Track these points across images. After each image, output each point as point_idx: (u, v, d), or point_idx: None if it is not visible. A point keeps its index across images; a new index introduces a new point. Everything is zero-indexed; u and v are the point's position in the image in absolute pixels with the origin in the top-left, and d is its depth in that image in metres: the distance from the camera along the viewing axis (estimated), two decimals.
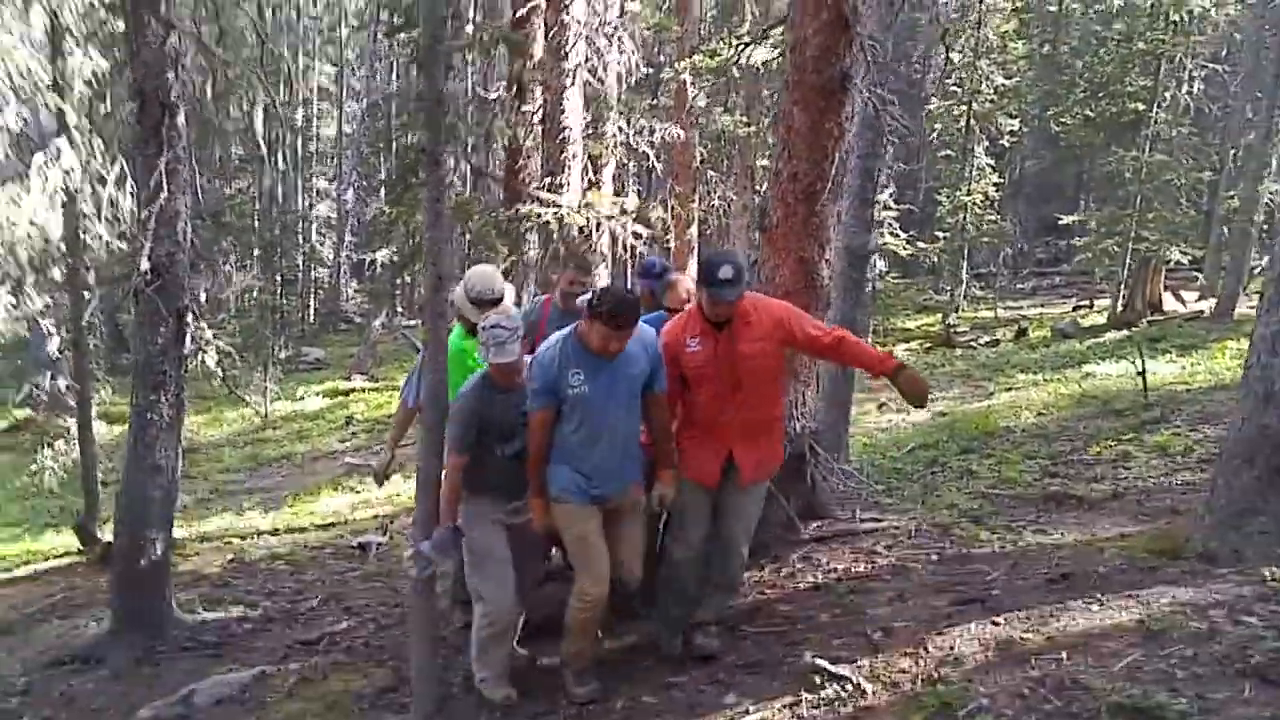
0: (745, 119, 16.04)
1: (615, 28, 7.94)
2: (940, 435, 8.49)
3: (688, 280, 4.72)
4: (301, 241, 26.74)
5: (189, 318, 5.17)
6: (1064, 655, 3.45)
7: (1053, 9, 25.20)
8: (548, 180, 7.41)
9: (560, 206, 6.61)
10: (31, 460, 9.67)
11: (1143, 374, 8.70)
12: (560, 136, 7.34)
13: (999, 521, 5.39)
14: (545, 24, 7.26)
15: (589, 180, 14.46)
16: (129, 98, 5.00)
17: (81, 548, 7.84)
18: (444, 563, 4.09)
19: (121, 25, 5.41)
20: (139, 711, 4.74)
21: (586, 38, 7.32)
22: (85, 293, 6.78)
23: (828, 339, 3.89)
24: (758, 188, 15.50)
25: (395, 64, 25.41)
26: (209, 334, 5.68)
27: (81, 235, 6.16)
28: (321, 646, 5.30)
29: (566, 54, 7.10)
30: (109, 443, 10.35)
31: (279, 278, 23.52)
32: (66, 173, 6.02)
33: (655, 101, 16.83)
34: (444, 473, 3.87)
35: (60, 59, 6.13)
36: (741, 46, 8.25)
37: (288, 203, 27.16)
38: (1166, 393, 8.92)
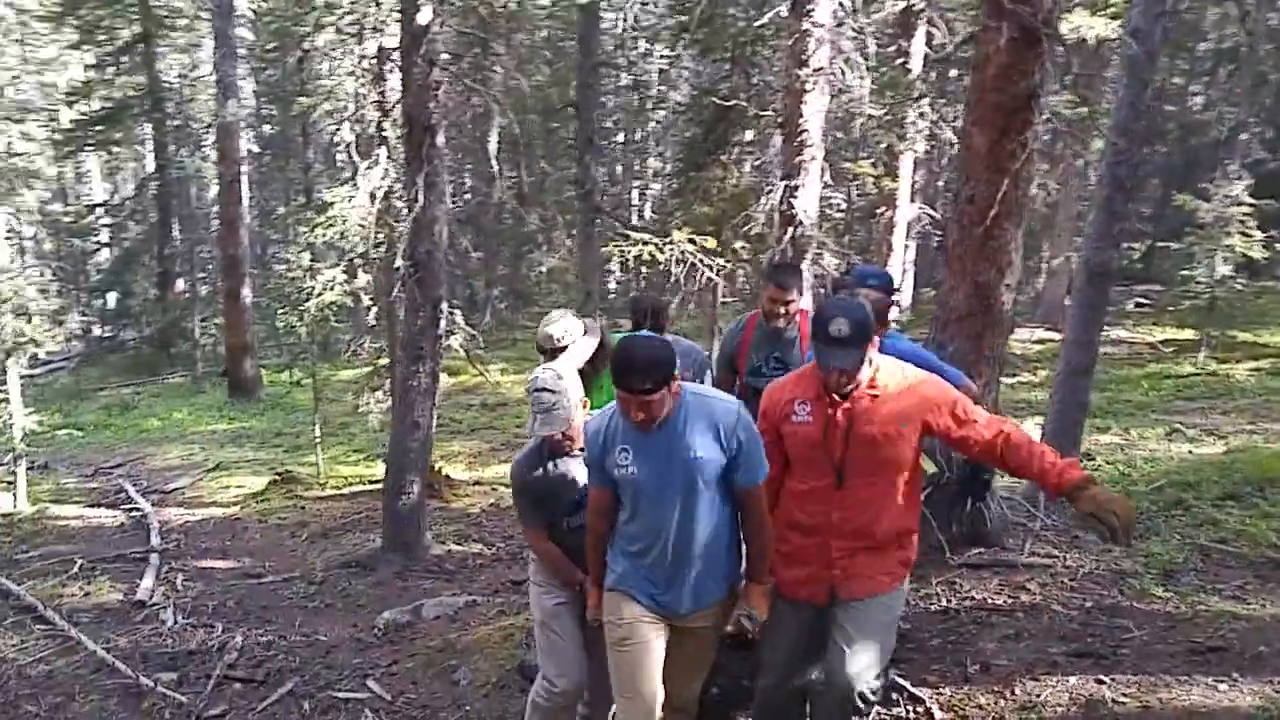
0: None
1: (860, 29, 7.93)
2: (1210, 474, 7.55)
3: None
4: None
5: (443, 305, 6.28)
6: None
7: None
8: (784, 184, 7.69)
9: (650, 241, 6.81)
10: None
11: None
12: (798, 140, 7.57)
13: (1192, 581, 4.93)
14: (788, 29, 7.49)
15: (884, 168, 14.36)
16: (401, 122, 6.15)
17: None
18: None
19: None
20: (383, 613, 5.95)
21: (830, 41, 7.43)
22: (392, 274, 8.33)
23: (984, 436, 2.82)
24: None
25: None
26: (459, 319, 6.79)
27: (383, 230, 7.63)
28: (523, 588, 6.24)
29: (807, 60, 7.30)
30: None
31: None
32: (381, 178, 7.43)
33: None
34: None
35: (381, 81, 7.55)
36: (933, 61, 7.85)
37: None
38: None
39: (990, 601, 4.65)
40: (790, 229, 7.81)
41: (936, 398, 2.86)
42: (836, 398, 2.82)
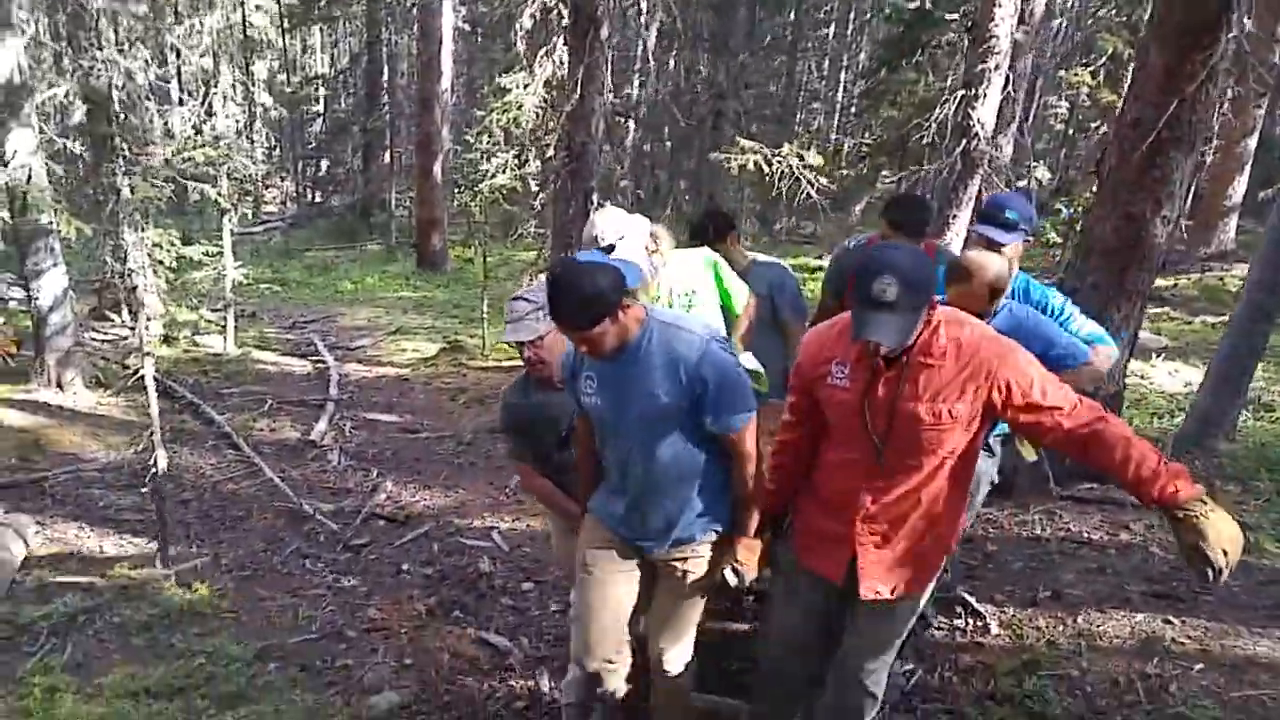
0: None
1: None
2: None
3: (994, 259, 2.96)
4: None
5: (594, 196, 6.51)
6: (1196, 668, 3.30)
7: None
8: (961, 93, 7.28)
9: (760, 151, 6.47)
10: None
11: None
12: (985, 45, 7.12)
13: None
14: None
15: (1106, 78, 13.11)
16: (567, 13, 6.29)
17: None
18: None
19: None
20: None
21: None
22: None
23: (1063, 426, 2.27)
24: None
25: None
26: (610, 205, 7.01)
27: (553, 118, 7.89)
28: None
29: None
30: None
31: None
32: (557, 66, 7.63)
33: None
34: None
35: None
36: None
37: None
38: None
39: (1085, 535, 4.59)
40: (964, 141, 7.45)
41: (1004, 373, 2.29)
42: (881, 363, 2.35)
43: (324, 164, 25.55)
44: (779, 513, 2.74)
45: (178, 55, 11.95)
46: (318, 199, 25.45)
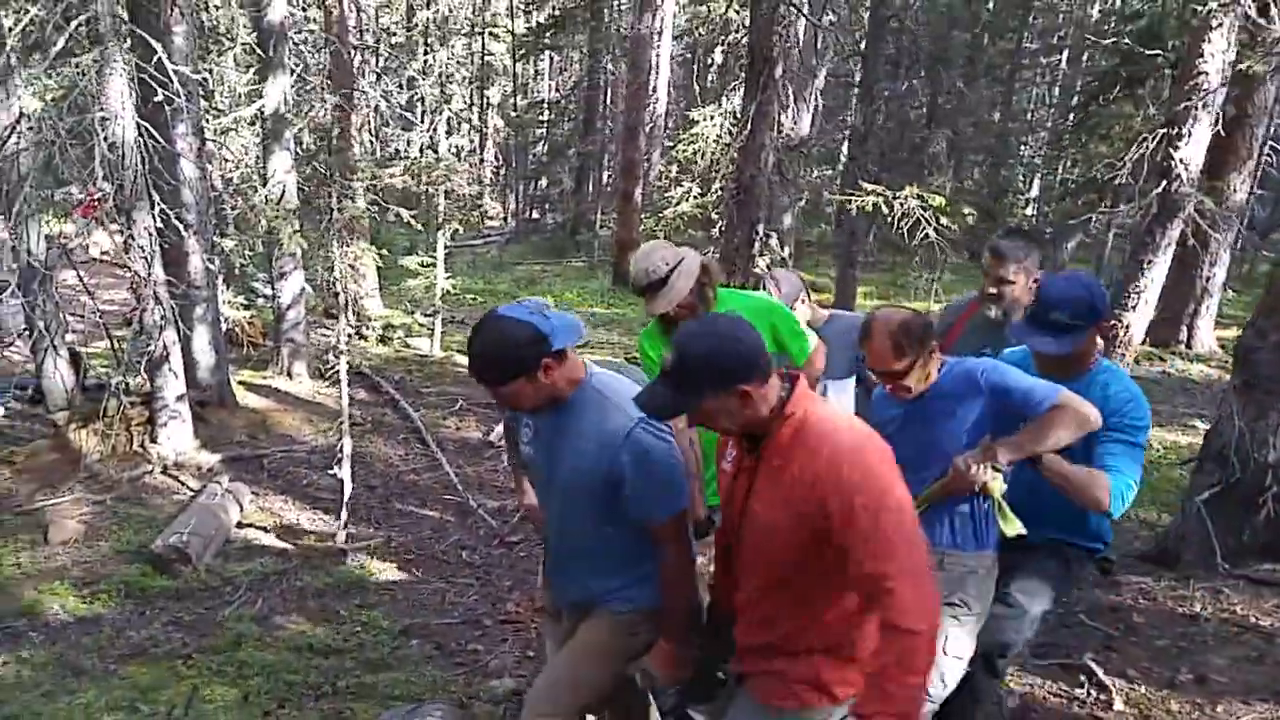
0: None
1: None
2: None
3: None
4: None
5: (760, 228, 6.70)
6: None
7: None
8: (1162, 131, 6.83)
9: (880, 193, 6.09)
10: None
11: None
12: (1191, 82, 6.66)
13: None
14: None
15: None
16: (744, 53, 6.53)
17: None
18: None
19: None
20: None
21: None
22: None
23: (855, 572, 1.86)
24: None
25: None
26: (775, 241, 7.15)
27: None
28: None
29: None
30: None
31: None
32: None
33: None
34: None
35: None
36: None
37: None
38: None
39: (1251, 619, 4.25)
40: (1163, 183, 7.00)
41: (846, 479, 1.83)
42: (746, 446, 2.04)
43: (542, 183, 27.16)
44: (719, 621, 2.33)
45: (412, 84, 13.29)
46: (533, 216, 27.08)
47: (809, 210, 18.38)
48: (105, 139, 5.45)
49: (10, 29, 6.26)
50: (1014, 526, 2.45)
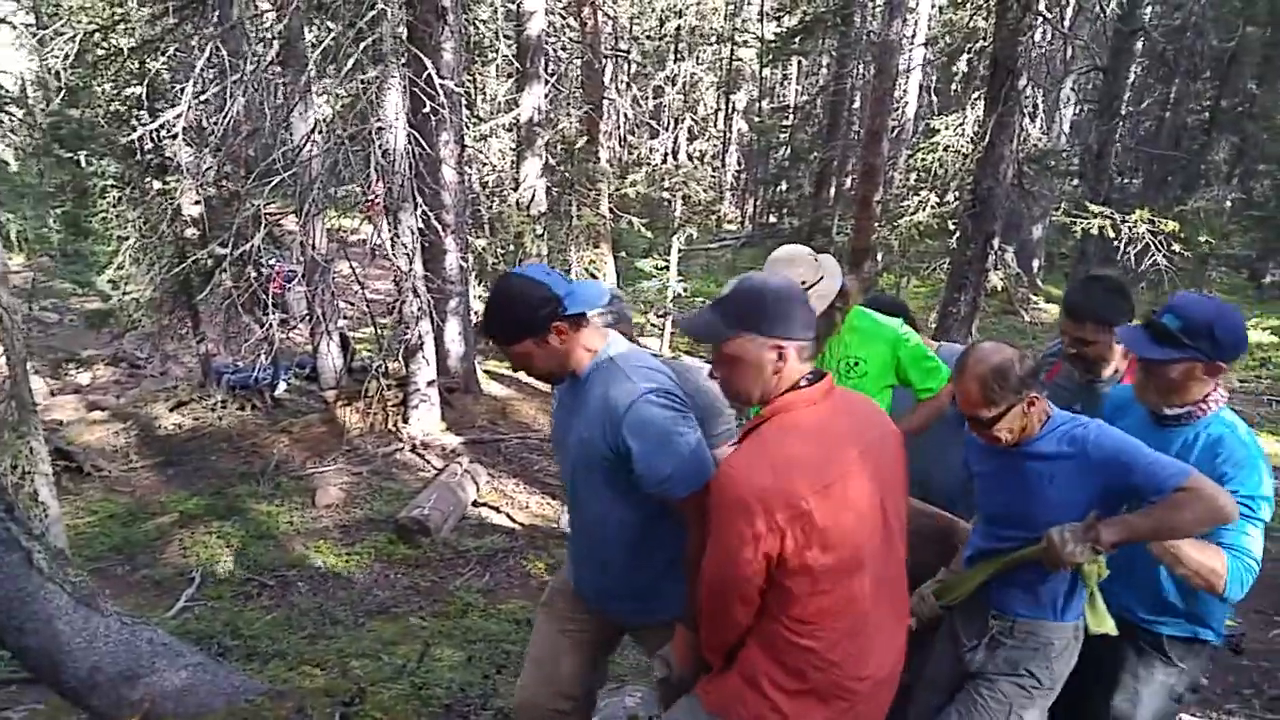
0: None
1: None
2: None
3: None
4: None
5: (995, 241, 6.41)
6: None
7: None
8: None
9: (1109, 215, 5.16)
10: None
11: None
12: None
13: None
14: None
15: None
16: (986, 64, 6.25)
17: None
18: None
19: None
20: None
21: None
22: None
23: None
24: None
25: None
26: (1009, 256, 6.79)
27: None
28: None
29: None
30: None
31: None
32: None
33: None
34: None
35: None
36: None
37: None
38: None
39: None
40: None
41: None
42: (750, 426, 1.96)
43: (781, 187, 27.14)
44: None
45: (659, 92, 13.78)
46: (770, 220, 27.12)
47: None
48: (380, 146, 6.16)
49: (313, 44, 7.23)
50: (1104, 624, 2.06)
